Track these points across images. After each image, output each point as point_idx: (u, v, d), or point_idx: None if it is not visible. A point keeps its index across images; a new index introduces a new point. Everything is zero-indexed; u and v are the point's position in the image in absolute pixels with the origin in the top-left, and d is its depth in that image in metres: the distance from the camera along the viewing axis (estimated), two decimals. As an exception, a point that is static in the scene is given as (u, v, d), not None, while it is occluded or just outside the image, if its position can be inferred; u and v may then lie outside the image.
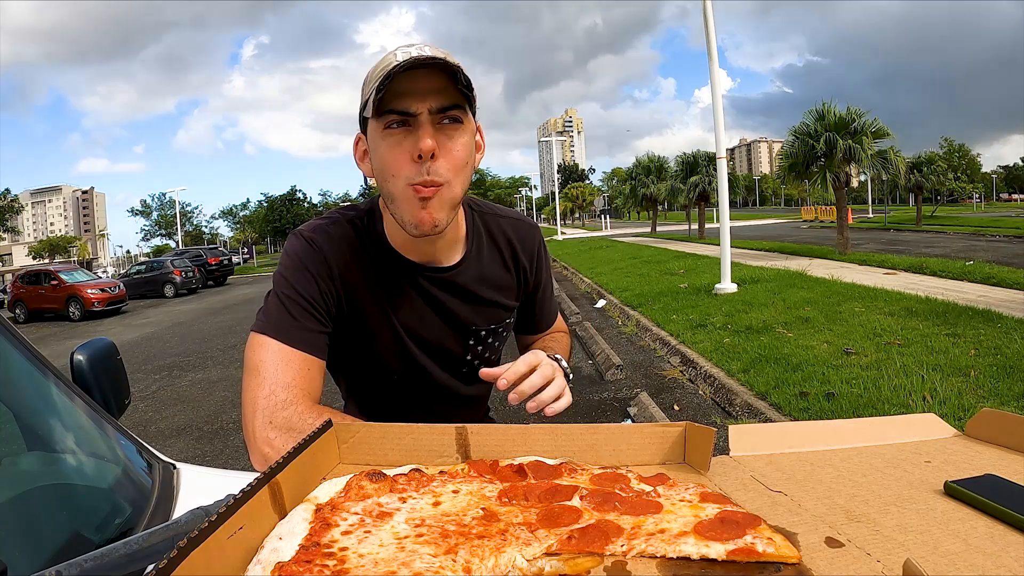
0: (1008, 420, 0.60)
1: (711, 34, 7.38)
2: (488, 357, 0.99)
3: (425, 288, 0.91)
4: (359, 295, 0.88)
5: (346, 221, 0.90)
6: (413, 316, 0.91)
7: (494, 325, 0.98)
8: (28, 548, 0.68)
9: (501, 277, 0.97)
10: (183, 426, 4.79)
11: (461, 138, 0.79)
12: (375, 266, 0.89)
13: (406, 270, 0.90)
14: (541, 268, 1.03)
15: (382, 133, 0.78)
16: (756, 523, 0.44)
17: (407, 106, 0.76)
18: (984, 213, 38.74)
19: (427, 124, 0.76)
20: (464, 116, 0.79)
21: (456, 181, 0.80)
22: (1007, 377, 3.53)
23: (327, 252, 0.87)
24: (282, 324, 0.82)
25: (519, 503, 0.51)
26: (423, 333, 0.93)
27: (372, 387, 0.98)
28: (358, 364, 0.95)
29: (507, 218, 1.00)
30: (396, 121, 0.77)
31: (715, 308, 6.61)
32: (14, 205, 46.79)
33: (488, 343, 0.98)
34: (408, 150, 0.77)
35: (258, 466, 0.79)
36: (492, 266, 0.96)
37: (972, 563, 0.40)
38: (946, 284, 7.17)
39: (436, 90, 0.76)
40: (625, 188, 27.05)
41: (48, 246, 60.68)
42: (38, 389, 0.92)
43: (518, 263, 0.99)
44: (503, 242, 0.97)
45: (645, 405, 4.16)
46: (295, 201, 48.95)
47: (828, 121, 11.85)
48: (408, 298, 0.91)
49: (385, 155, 0.79)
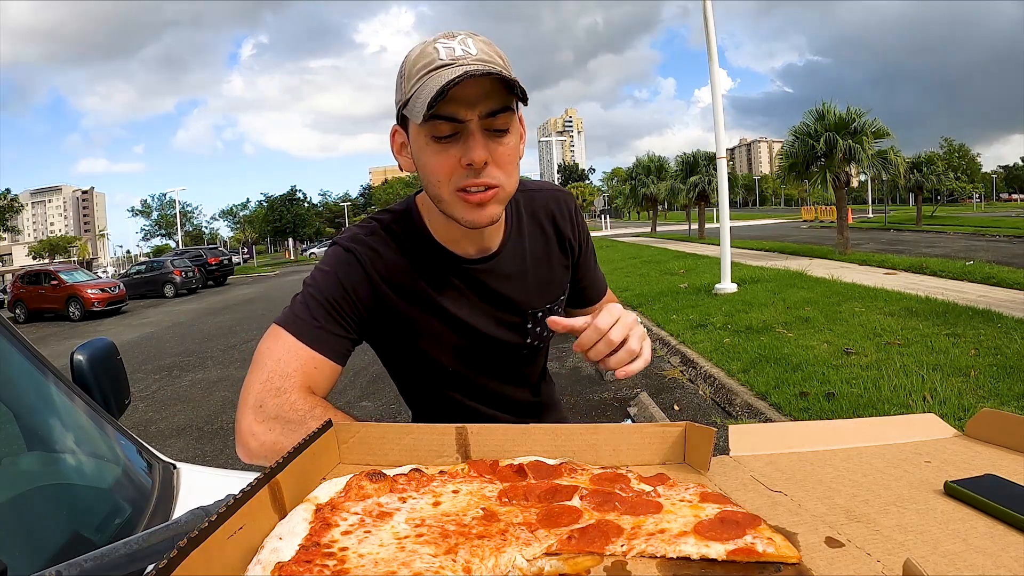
0: (1008, 420, 0.60)
1: (711, 34, 7.38)
2: (546, 335, 0.97)
3: (474, 278, 0.89)
4: (407, 296, 0.87)
5: (383, 226, 0.88)
6: (465, 308, 0.89)
7: (550, 304, 0.95)
8: (28, 548, 0.68)
9: (546, 252, 0.95)
10: (183, 426, 4.79)
11: (510, 142, 0.78)
12: (420, 265, 0.87)
13: (452, 264, 0.88)
14: (583, 233, 1.00)
15: (427, 139, 0.76)
16: (756, 523, 0.44)
17: (455, 112, 0.73)
18: (984, 213, 38.77)
19: (477, 133, 0.74)
20: (511, 118, 0.77)
21: (509, 180, 0.79)
22: (1007, 377, 3.53)
23: (365, 260, 0.85)
24: (299, 319, 0.81)
25: (519, 503, 0.51)
26: (478, 324, 0.90)
27: (429, 390, 0.96)
28: (414, 367, 0.93)
29: (540, 191, 0.97)
30: (444, 131, 0.74)
31: (715, 308, 6.61)
32: (14, 205, 46.76)
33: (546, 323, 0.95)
34: (456, 156, 0.75)
35: (241, 457, 0.77)
36: (536, 243, 0.94)
37: (972, 563, 0.40)
38: (946, 284, 7.17)
39: (486, 94, 0.73)
40: (625, 188, 27.07)
41: (48, 246, 60.69)
42: (38, 389, 0.92)
43: (561, 235, 0.96)
44: (543, 216, 0.95)
45: (645, 405, 4.16)
46: (295, 201, 48.88)
47: (828, 121, 11.86)
48: (458, 291, 0.89)
49: (430, 161, 0.77)
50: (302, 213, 48.26)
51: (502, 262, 0.90)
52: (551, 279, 0.96)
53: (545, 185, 0.99)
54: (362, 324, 0.86)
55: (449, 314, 0.88)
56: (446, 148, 0.75)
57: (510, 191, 0.80)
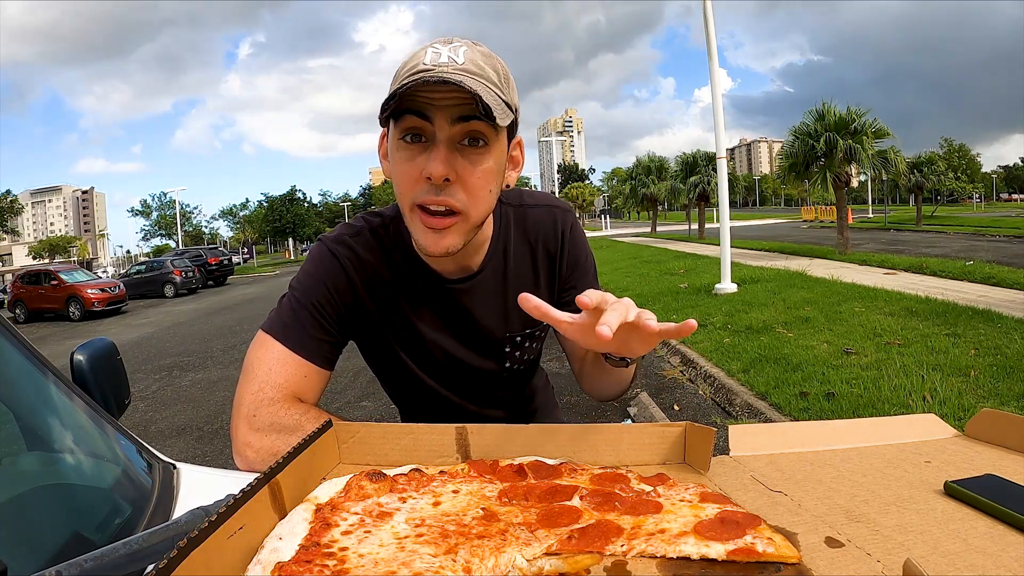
0: (1008, 420, 0.60)
1: (711, 33, 7.37)
2: (527, 359, 0.94)
3: (452, 298, 0.85)
4: (385, 306, 0.85)
5: (370, 230, 0.85)
6: (439, 328, 0.87)
7: (530, 328, 0.91)
8: (28, 548, 0.68)
9: (532, 274, 0.89)
10: (183, 426, 4.78)
11: (484, 163, 0.71)
12: (400, 276, 0.85)
13: (431, 280, 0.84)
14: (573, 255, 0.91)
15: (397, 143, 0.71)
16: (756, 523, 0.44)
17: (421, 108, 0.68)
18: (984, 213, 38.74)
19: (442, 145, 0.68)
20: (491, 135, 0.70)
21: (475, 208, 0.72)
22: (1007, 377, 3.53)
23: (347, 264, 0.83)
24: (288, 326, 0.80)
25: (519, 503, 0.51)
26: (451, 346, 0.88)
27: (410, 394, 0.96)
28: (392, 372, 0.93)
29: (535, 207, 0.90)
30: (412, 131, 0.69)
31: (715, 308, 6.61)
32: (14, 206, 46.79)
33: (526, 347, 0.92)
34: (420, 166, 0.69)
35: (239, 466, 0.77)
36: (521, 263, 0.88)
37: (972, 563, 0.40)
38: (946, 284, 7.17)
39: (459, 101, 0.67)
40: (625, 188, 27.03)
41: (48, 246, 60.67)
42: (38, 389, 0.92)
43: (549, 255, 0.90)
44: (533, 236, 0.89)
45: (645, 405, 4.16)
46: (295, 201, 48.90)
47: (828, 121, 11.85)
48: (435, 309, 0.86)
49: (396, 168, 0.72)
50: (302, 213, 48.25)
51: (483, 282, 0.86)
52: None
53: (542, 200, 0.92)
54: (344, 325, 0.85)
55: (423, 331, 0.86)
56: (412, 156, 0.70)
57: (475, 222, 0.74)
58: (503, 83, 0.72)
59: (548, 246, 0.90)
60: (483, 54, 0.71)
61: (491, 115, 0.66)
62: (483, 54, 0.71)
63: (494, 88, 0.69)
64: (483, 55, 0.71)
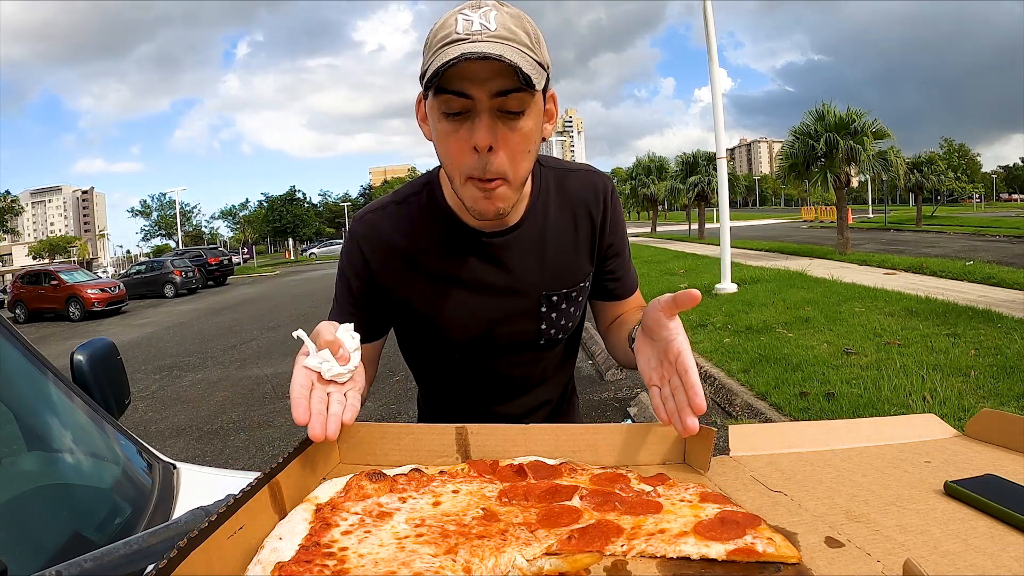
0: (1008, 420, 0.60)
1: (711, 33, 7.37)
2: (565, 325, 0.94)
3: (490, 252, 0.87)
4: (423, 270, 0.88)
5: (400, 200, 0.89)
6: (478, 283, 0.88)
7: (567, 289, 0.91)
8: (28, 548, 0.68)
9: (571, 235, 0.91)
10: (183, 426, 4.79)
11: (524, 127, 0.74)
12: (438, 238, 0.87)
13: (468, 237, 0.87)
14: (615, 220, 0.94)
15: (439, 115, 0.74)
16: (756, 523, 0.44)
17: (462, 87, 0.70)
18: (984, 213, 38.78)
19: (484, 115, 0.71)
20: (527, 99, 0.73)
21: (518, 170, 0.76)
22: (1007, 377, 3.53)
23: (362, 239, 0.87)
24: (338, 309, 0.88)
25: (519, 503, 0.51)
26: (486, 308, 0.89)
27: (437, 370, 0.97)
28: (424, 344, 0.94)
29: (576, 171, 0.93)
30: (453, 107, 0.72)
31: (715, 308, 6.61)
32: (14, 207, 46.79)
33: (562, 309, 0.92)
34: (465, 138, 0.73)
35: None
36: (560, 223, 0.90)
37: (972, 563, 0.40)
38: (946, 284, 7.17)
39: (496, 73, 0.69)
40: (625, 188, 27.01)
41: (48, 246, 60.66)
42: (38, 389, 0.92)
43: (590, 219, 0.92)
44: (574, 198, 0.91)
45: (645, 405, 4.16)
46: (295, 201, 48.95)
47: (828, 121, 11.87)
48: (473, 265, 0.88)
49: (442, 141, 0.76)
50: (302, 213, 48.30)
51: (519, 237, 0.88)
52: (572, 266, 0.92)
53: (581, 167, 0.95)
54: (371, 299, 0.89)
55: (457, 295, 0.88)
56: (456, 128, 0.73)
57: (521, 179, 0.78)
58: (535, 44, 0.74)
59: (590, 208, 0.92)
60: (511, 16, 0.73)
61: (531, 83, 0.69)
62: (511, 16, 0.73)
63: (528, 52, 0.71)
64: (512, 17, 0.73)
